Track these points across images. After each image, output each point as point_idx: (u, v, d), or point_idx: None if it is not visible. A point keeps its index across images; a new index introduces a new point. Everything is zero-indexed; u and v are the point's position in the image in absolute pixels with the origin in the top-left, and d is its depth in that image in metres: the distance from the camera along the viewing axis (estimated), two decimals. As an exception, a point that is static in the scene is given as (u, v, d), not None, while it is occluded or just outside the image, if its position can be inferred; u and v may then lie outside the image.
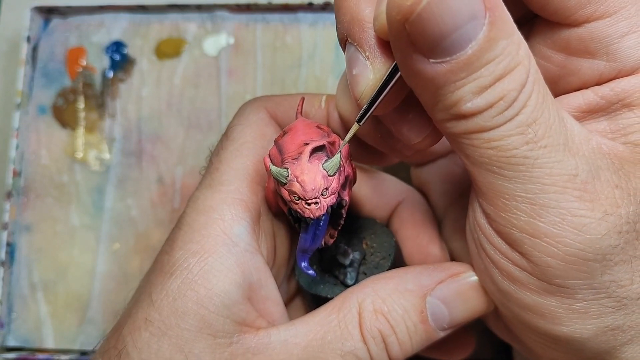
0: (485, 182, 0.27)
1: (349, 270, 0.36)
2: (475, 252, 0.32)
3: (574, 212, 0.27)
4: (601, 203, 0.27)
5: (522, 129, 0.25)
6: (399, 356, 0.32)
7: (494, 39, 0.24)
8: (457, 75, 0.25)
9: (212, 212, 0.33)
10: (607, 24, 0.28)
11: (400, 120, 0.31)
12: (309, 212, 0.29)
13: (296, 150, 0.30)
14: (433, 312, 0.33)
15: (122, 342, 0.31)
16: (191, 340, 0.30)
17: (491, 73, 0.24)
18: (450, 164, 0.40)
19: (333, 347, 0.31)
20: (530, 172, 0.26)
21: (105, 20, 0.54)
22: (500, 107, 0.25)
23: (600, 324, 0.29)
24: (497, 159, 0.26)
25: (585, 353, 0.30)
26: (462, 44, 0.24)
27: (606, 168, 0.28)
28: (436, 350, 0.39)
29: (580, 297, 0.28)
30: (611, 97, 0.29)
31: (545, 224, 0.27)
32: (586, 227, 0.27)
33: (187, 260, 0.31)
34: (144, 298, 0.32)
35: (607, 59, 0.29)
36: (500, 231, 0.29)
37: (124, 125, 0.53)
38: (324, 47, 0.53)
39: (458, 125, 0.26)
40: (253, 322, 0.32)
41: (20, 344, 0.51)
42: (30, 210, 0.52)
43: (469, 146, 0.27)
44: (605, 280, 0.28)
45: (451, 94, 0.25)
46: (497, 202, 0.28)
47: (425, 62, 0.25)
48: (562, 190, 0.26)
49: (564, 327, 0.29)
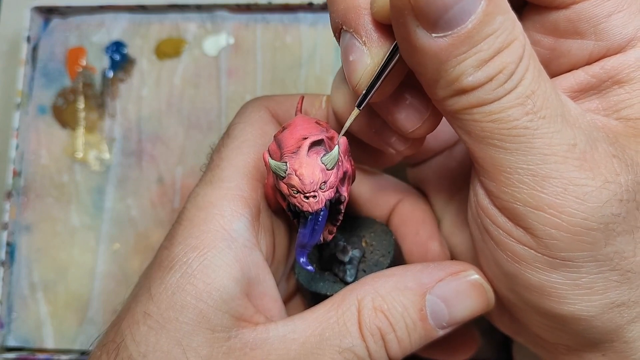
0: (487, 158, 0.28)
1: (348, 268, 0.36)
2: (479, 238, 0.32)
3: (575, 181, 0.27)
4: (601, 171, 0.27)
5: (521, 100, 0.26)
6: (398, 354, 0.32)
7: (491, 13, 0.25)
8: (459, 49, 0.25)
9: (211, 207, 0.33)
10: (593, 4, 0.29)
11: (396, 108, 0.31)
12: (308, 206, 0.29)
13: (295, 145, 0.30)
14: (432, 310, 0.33)
15: (120, 335, 0.31)
16: (189, 334, 0.30)
17: (490, 47, 0.25)
18: (446, 161, 0.40)
19: (331, 344, 0.31)
20: (530, 142, 0.27)
21: (105, 20, 0.54)
22: (500, 79, 0.26)
23: (605, 299, 0.29)
24: (498, 131, 0.27)
25: (592, 333, 0.30)
26: (462, 17, 0.25)
27: (602, 140, 0.28)
28: (440, 349, 0.39)
29: (585, 270, 0.28)
30: (601, 75, 0.30)
31: (547, 195, 0.27)
32: (588, 196, 0.27)
33: (187, 254, 0.31)
34: (143, 292, 0.32)
35: (596, 38, 0.30)
36: (503, 207, 0.29)
37: (124, 125, 0.53)
38: (324, 47, 0.53)
39: (460, 100, 0.27)
40: (251, 317, 0.32)
41: (20, 344, 0.51)
42: (30, 210, 0.52)
43: (471, 121, 0.27)
44: (608, 252, 0.28)
45: (453, 69, 0.26)
46: (500, 177, 0.28)
47: (428, 36, 0.25)
48: (562, 160, 0.27)
49: (570, 306, 0.29)
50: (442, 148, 0.40)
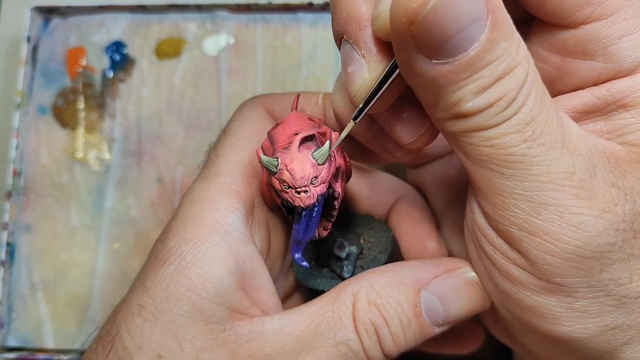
0: (483, 180, 0.28)
1: (345, 264, 0.36)
2: (474, 254, 0.32)
3: (571, 209, 0.27)
4: (598, 201, 0.27)
5: (520, 127, 0.26)
6: (392, 350, 0.32)
7: (495, 40, 0.24)
8: (459, 76, 0.25)
9: (206, 202, 0.33)
10: (604, 25, 0.28)
11: (394, 120, 0.31)
12: (299, 201, 0.29)
13: (286, 141, 0.30)
14: (427, 307, 0.32)
15: (115, 328, 0.31)
16: (184, 326, 0.30)
17: (492, 74, 0.25)
18: (445, 166, 0.40)
19: (326, 337, 0.31)
20: (528, 169, 0.26)
21: (105, 20, 0.54)
22: (500, 106, 0.25)
23: (600, 323, 0.29)
24: (495, 156, 0.26)
25: (586, 354, 0.30)
26: (465, 46, 0.24)
27: (603, 167, 0.28)
28: (445, 343, 0.38)
29: (580, 295, 0.28)
30: (607, 97, 0.30)
31: (543, 222, 0.27)
32: (584, 225, 0.27)
33: (181, 247, 0.32)
34: (138, 285, 0.32)
35: (604, 60, 0.29)
36: (499, 230, 0.29)
37: (124, 125, 0.53)
38: (324, 47, 0.53)
39: (458, 124, 0.26)
40: (247, 309, 0.32)
41: (20, 344, 0.51)
42: (30, 210, 0.52)
43: (468, 144, 0.27)
44: (603, 279, 0.28)
45: (452, 94, 0.25)
46: (496, 200, 0.28)
47: (428, 62, 0.25)
48: (559, 188, 0.27)
49: (564, 328, 0.29)
50: (442, 153, 0.40)
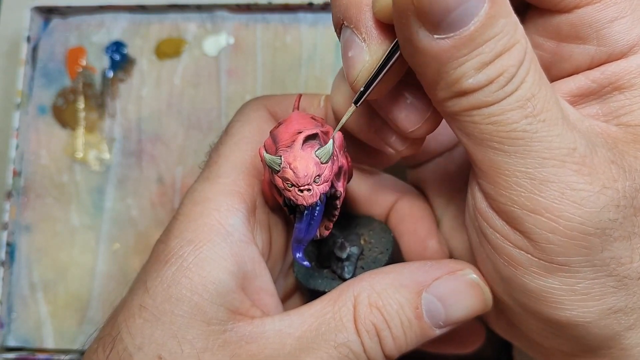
0: (485, 160, 0.28)
1: (346, 265, 0.36)
2: (476, 242, 0.32)
3: (573, 185, 0.27)
4: (599, 177, 0.27)
5: (521, 103, 0.26)
6: (393, 351, 0.32)
7: (494, 16, 0.25)
8: (460, 52, 0.25)
9: (208, 202, 0.33)
10: (596, 9, 0.29)
11: (397, 108, 0.31)
12: (302, 199, 0.29)
13: (289, 139, 0.30)
14: (428, 308, 0.32)
15: (116, 328, 0.31)
16: (184, 327, 0.30)
17: (492, 49, 0.25)
18: (446, 163, 0.40)
19: (327, 339, 0.31)
20: (529, 146, 0.27)
21: (105, 20, 0.54)
22: (501, 82, 0.26)
23: (603, 305, 0.29)
24: (497, 134, 0.27)
25: (589, 339, 0.30)
26: (465, 20, 0.25)
27: (601, 145, 0.28)
28: (446, 342, 0.39)
29: (582, 275, 0.28)
30: (602, 80, 0.30)
31: (545, 199, 0.27)
32: (585, 200, 0.27)
33: (182, 248, 0.32)
34: (139, 285, 0.32)
35: (598, 43, 0.30)
36: (500, 211, 0.29)
37: (124, 125, 0.53)
38: (324, 47, 0.53)
39: (460, 102, 0.27)
40: (247, 310, 0.32)
41: (20, 344, 0.51)
42: (30, 210, 0.52)
43: (470, 123, 0.27)
44: (605, 257, 0.28)
45: (454, 71, 0.26)
46: (498, 179, 0.28)
47: (430, 38, 0.25)
48: (560, 164, 0.27)
49: (567, 311, 0.29)
50: (441, 150, 0.40)
